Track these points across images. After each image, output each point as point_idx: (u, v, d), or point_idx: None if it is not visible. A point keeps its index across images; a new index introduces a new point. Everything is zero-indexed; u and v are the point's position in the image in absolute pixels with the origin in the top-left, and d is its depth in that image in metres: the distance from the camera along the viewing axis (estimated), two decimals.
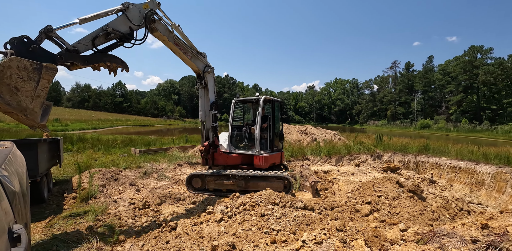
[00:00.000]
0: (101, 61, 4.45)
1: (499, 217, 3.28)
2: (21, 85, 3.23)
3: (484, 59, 60.15)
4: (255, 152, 7.36)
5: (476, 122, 52.57)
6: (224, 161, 7.49)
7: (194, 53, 6.43)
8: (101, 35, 4.29)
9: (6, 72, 3.11)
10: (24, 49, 3.47)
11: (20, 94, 3.24)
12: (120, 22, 4.59)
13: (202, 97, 7.11)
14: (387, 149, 12.74)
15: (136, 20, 4.78)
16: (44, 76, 3.37)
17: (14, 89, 3.18)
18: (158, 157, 11.43)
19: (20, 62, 3.20)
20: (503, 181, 8.53)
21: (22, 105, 3.27)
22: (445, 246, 2.79)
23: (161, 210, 6.09)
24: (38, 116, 3.48)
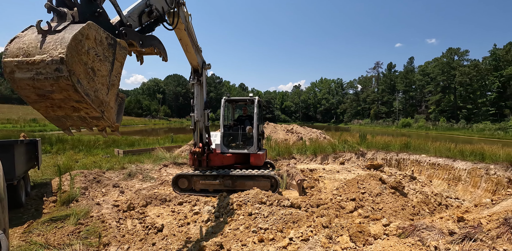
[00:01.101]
0: (151, 45, 3.45)
1: (474, 210, 3.48)
2: (97, 67, 2.27)
3: (460, 61, 63.10)
4: (252, 150, 7.59)
5: (453, 121, 55.08)
6: (221, 162, 7.41)
7: (198, 47, 6.24)
8: (146, 12, 3.35)
9: (84, 45, 2.12)
10: (89, 12, 2.38)
11: (96, 80, 2.27)
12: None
13: (198, 95, 6.83)
14: (371, 147, 13.11)
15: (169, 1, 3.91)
16: (117, 58, 2.49)
17: (91, 72, 2.21)
18: (142, 157, 11.19)
19: (98, 33, 2.23)
20: (477, 176, 9.01)
21: (99, 96, 2.31)
22: (424, 239, 2.92)
23: (146, 212, 5.98)
24: (114, 113, 2.62)
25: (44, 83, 2.06)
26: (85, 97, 2.16)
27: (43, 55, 2.01)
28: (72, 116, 2.45)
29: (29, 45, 2.08)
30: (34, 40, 2.09)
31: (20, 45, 2.08)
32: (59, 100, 2.23)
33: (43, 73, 2.03)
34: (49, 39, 2.07)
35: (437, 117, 60.04)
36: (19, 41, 2.10)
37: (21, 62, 2.04)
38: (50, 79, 2.04)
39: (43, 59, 2.01)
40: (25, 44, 2.08)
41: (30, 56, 2.04)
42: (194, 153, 7.07)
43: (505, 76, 54.36)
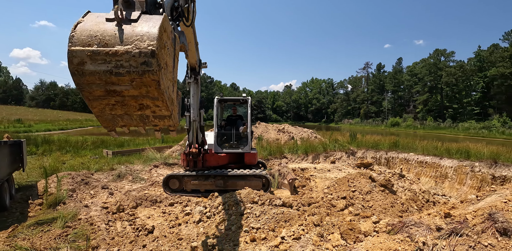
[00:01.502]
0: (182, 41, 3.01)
1: (460, 206, 3.58)
2: (168, 62, 2.07)
3: (447, 62, 64.85)
4: (246, 149, 7.67)
5: (440, 120, 56.52)
6: (216, 162, 7.37)
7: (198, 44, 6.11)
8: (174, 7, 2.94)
9: (163, 39, 1.91)
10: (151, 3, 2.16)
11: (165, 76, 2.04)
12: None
13: (195, 94, 6.69)
14: (361, 146, 13.31)
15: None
16: (176, 53, 2.29)
17: (165, 66, 2.00)
18: (132, 158, 11.01)
19: (169, 26, 2.05)
20: (463, 174, 9.27)
21: (170, 94, 2.14)
22: (413, 235, 2.98)
23: (136, 213, 5.88)
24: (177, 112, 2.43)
25: (123, 77, 1.82)
26: (164, 94, 1.96)
27: (127, 46, 1.78)
28: (132, 115, 2.20)
29: (103, 34, 1.81)
30: (108, 28, 1.82)
31: (91, 32, 1.79)
32: (129, 98, 1.99)
33: (125, 67, 1.79)
34: (129, 28, 1.83)
35: (424, 117, 61.50)
36: (85, 28, 1.81)
37: (97, 52, 1.76)
38: (133, 73, 1.80)
39: (128, 50, 1.77)
40: (98, 32, 1.80)
41: (109, 46, 1.77)
42: (190, 153, 6.95)
43: (489, 77, 56.17)
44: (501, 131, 37.32)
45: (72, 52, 1.74)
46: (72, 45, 1.74)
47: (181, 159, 7.26)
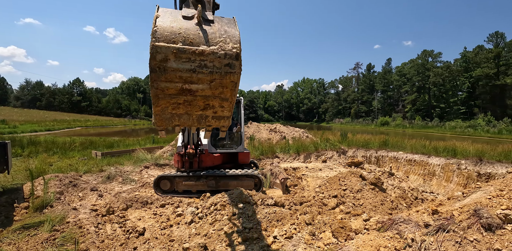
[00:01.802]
0: None
1: (447, 203, 3.68)
2: None
3: (434, 62, 66.45)
4: (240, 149, 7.76)
5: (428, 119, 57.87)
6: (212, 162, 7.35)
7: None
8: None
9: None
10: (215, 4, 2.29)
11: None
12: None
13: None
14: (351, 145, 13.48)
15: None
16: None
17: None
18: (122, 159, 10.82)
19: None
20: (450, 171, 9.52)
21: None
22: (402, 232, 3.04)
23: (127, 215, 5.79)
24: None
25: (204, 77, 1.83)
26: (235, 96, 2.03)
27: (213, 47, 1.80)
28: (193, 115, 2.19)
29: (187, 32, 1.80)
30: (190, 27, 1.83)
31: (173, 29, 1.78)
32: (200, 97, 2.00)
33: (209, 67, 1.81)
34: (210, 29, 1.86)
35: (413, 116, 62.84)
36: (166, 24, 1.79)
37: (182, 50, 1.75)
38: (216, 74, 1.82)
39: (214, 51, 1.79)
40: (180, 29, 1.79)
41: (194, 45, 1.77)
42: (188, 154, 6.87)
43: (474, 77, 57.85)
44: (486, 129, 38.53)
45: (156, 47, 1.71)
46: (156, 41, 1.72)
47: (175, 160, 7.13)
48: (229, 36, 1.86)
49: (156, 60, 1.74)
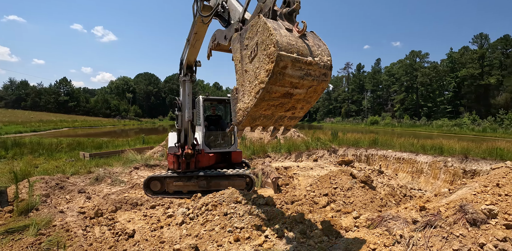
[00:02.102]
0: None
1: (434, 200, 3.77)
2: None
3: (422, 62, 67.99)
4: (233, 148, 7.84)
5: (416, 118, 59.18)
6: (208, 162, 7.30)
7: None
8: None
9: None
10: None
11: None
12: None
13: (190, 93, 6.54)
14: (342, 144, 13.64)
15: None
16: None
17: None
18: (111, 160, 10.63)
19: None
20: (437, 169, 9.75)
21: None
22: (391, 229, 3.10)
23: (116, 218, 5.69)
24: None
25: (307, 83, 2.17)
26: (317, 100, 2.40)
27: (316, 58, 2.16)
28: (275, 115, 2.49)
29: (297, 44, 2.11)
30: (297, 40, 2.15)
31: (288, 40, 2.08)
32: (294, 100, 2.34)
33: (312, 75, 2.16)
34: (309, 42, 2.21)
35: (401, 115, 64.13)
36: (281, 34, 2.08)
37: (297, 60, 2.05)
38: (315, 81, 2.18)
39: (317, 62, 2.15)
40: (292, 41, 2.10)
41: (304, 56, 2.09)
42: (186, 154, 6.76)
43: (460, 77, 59.50)
44: (471, 128, 39.69)
45: (280, 56, 1.99)
46: (280, 50, 2.00)
47: (170, 161, 6.95)
48: (323, 49, 2.23)
49: (278, 66, 2.01)
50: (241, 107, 2.49)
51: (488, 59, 57.32)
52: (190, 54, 6.00)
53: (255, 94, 2.26)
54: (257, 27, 2.25)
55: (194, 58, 6.21)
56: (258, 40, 2.23)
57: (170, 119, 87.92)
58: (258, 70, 2.23)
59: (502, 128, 36.42)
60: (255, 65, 2.28)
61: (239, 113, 2.52)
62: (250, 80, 2.36)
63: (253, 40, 2.31)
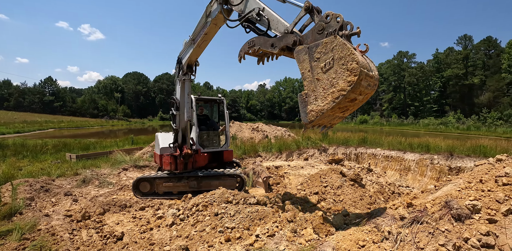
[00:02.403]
0: None
1: (421, 196, 3.86)
2: None
3: (409, 63, 69.52)
4: (225, 147, 7.91)
5: (404, 117, 60.47)
6: (204, 162, 7.24)
7: None
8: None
9: None
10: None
11: None
12: None
13: (189, 92, 6.51)
14: (332, 142, 13.79)
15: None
16: None
17: None
18: (99, 161, 10.40)
19: None
20: (424, 166, 10.00)
21: None
22: (379, 225, 3.15)
23: (104, 220, 5.57)
24: None
25: (367, 91, 2.87)
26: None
27: (372, 73, 2.86)
28: (334, 115, 3.09)
29: (364, 61, 2.80)
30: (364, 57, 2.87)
31: (361, 59, 2.76)
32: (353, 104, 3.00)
33: (371, 86, 2.88)
34: (367, 60, 2.93)
35: (390, 114, 65.42)
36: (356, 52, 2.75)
37: (367, 74, 2.75)
38: (371, 90, 2.92)
39: (374, 76, 2.88)
40: (363, 59, 2.81)
41: (369, 71, 2.80)
42: (186, 155, 6.66)
43: (445, 77, 61.20)
44: (456, 126, 40.91)
45: (361, 71, 2.65)
46: (361, 66, 2.66)
47: (166, 162, 6.73)
48: (373, 65, 2.97)
49: (359, 79, 2.67)
50: (313, 109, 3.01)
51: (472, 60, 59.19)
52: (193, 54, 5.96)
53: (333, 99, 2.83)
54: (333, 45, 2.81)
55: (197, 57, 6.17)
56: (335, 56, 2.80)
57: (160, 120, 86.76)
58: (335, 80, 2.80)
59: (485, 126, 37.73)
60: (331, 76, 2.85)
61: (311, 114, 3.04)
62: (324, 87, 2.91)
63: (327, 55, 2.87)
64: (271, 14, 3.77)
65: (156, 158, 7.19)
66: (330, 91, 2.84)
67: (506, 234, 2.76)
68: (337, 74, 2.78)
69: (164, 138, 7.23)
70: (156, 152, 7.18)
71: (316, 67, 2.98)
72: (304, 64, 3.13)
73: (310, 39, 3.17)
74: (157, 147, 7.16)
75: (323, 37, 3.02)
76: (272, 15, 3.76)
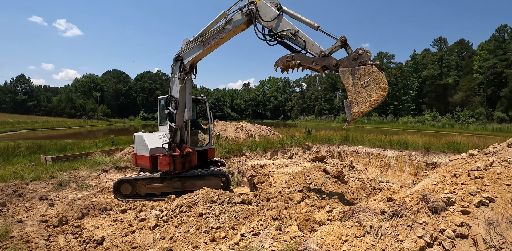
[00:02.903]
0: None
1: (400, 191, 4.00)
2: None
3: (388, 63, 71.92)
4: (209, 146, 7.99)
5: (384, 115, 62.59)
6: (196, 161, 7.18)
7: None
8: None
9: None
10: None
11: None
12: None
13: (190, 91, 6.51)
14: (316, 141, 14.02)
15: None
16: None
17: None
18: (77, 163, 9.98)
19: None
20: (403, 162, 10.39)
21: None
22: (361, 220, 3.23)
23: (83, 225, 5.35)
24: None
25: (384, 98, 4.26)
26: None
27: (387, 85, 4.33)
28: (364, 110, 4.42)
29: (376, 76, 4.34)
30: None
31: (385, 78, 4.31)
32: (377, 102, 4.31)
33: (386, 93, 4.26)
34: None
35: (370, 113, 67.39)
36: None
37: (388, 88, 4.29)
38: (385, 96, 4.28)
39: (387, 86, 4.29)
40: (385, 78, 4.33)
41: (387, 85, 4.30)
42: (187, 154, 6.61)
43: (422, 78, 63.89)
44: (432, 124, 42.89)
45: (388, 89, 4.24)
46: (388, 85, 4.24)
47: (164, 163, 6.46)
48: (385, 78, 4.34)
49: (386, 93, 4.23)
50: (356, 111, 4.39)
51: (446, 61, 62.15)
52: (201, 55, 6.14)
53: (370, 105, 4.28)
54: (370, 71, 4.25)
55: (201, 58, 6.31)
56: (371, 78, 4.25)
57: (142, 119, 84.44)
58: (372, 93, 4.25)
59: (459, 124, 39.82)
60: (368, 90, 4.28)
61: (354, 115, 4.41)
62: (363, 97, 4.32)
63: (366, 76, 4.28)
64: (306, 37, 4.79)
65: (142, 160, 6.84)
66: (368, 100, 4.29)
67: (478, 224, 2.92)
68: (372, 89, 4.25)
69: (151, 139, 6.92)
70: (142, 153, 6.81)
71: (358, 84, 4.36)
72: (348, 80, 4.44)
73: (345, 63, 4.48)
74: (142, 148, 6.81)
75: (357, 64, 4.38)
76: (307, 38, 4.79)
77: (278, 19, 4.93)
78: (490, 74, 50.62)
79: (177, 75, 6.32)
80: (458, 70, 61.19)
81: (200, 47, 5.97)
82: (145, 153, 6.70)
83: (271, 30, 5.05)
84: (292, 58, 4.93)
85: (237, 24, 5.43)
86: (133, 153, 7.15)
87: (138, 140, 6.98)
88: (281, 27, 4.91)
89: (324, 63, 4.68)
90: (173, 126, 6.39)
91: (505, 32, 51.35)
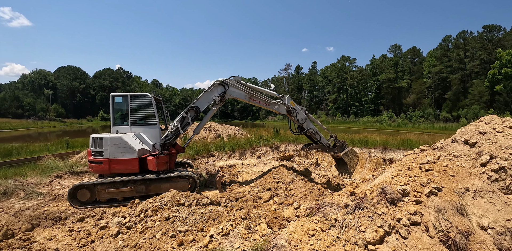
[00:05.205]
0: None
1: (361, 185, 4.26)
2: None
3: (350, 67, 76.25)
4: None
5: (346, 115, 66.20)
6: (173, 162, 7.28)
7: None
8: None
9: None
10: None
11: None
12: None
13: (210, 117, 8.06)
14: (283, 140, 14.31)
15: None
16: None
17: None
18: (24, 169, 8.98)
19: None
20: (364, 159, 11.05)
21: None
22: (327, 214, 3.37)
23: (33, 237, 4.82)
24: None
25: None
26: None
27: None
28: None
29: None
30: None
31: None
32: None
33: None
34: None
35: (334, 113, 70.91)
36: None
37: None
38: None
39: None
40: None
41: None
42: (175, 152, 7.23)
43: (380, 81, 68.83)
44: (389, 123, 46.45)
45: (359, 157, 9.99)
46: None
47: (162, 162, 6.46)
48: None
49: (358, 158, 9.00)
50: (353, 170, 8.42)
51: (400, 66, 67.77)
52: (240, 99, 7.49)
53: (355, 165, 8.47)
54: (352, 153, 8.34)
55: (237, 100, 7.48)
56: (353, 153, 8.34)
57: (101, 120, 78.75)
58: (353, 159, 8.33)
59: (411, 123, 43.65)
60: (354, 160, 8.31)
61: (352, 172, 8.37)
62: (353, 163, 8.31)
63: (350, 153, 8.23)
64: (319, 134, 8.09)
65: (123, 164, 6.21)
66: (354, 163, 8.23)
67: (429, 212, 3.21)
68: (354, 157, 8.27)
69: (132, 140, 6.40)
70: (123, 157, 6.20)
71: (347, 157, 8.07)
72: (346, 158, 7.99)
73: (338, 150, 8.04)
74: (123, 151, 6.17)
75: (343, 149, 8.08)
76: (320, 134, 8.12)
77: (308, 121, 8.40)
78: (437, 79, 56.40)
79: (215, 96, 7.11)
80: (410, 74, 67.11)
81: (246, 97, 7.35)
82: (131, 156, 6.21)
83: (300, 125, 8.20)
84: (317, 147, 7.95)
85: (281, 111, 7.74)
86: (101, 159, 6.31)
87: (113, 143, 6.25)
88: (306, 126, 8.18)
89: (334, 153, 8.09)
90: (181, 131, 6.94)
91: (449, 41, 57.56)
